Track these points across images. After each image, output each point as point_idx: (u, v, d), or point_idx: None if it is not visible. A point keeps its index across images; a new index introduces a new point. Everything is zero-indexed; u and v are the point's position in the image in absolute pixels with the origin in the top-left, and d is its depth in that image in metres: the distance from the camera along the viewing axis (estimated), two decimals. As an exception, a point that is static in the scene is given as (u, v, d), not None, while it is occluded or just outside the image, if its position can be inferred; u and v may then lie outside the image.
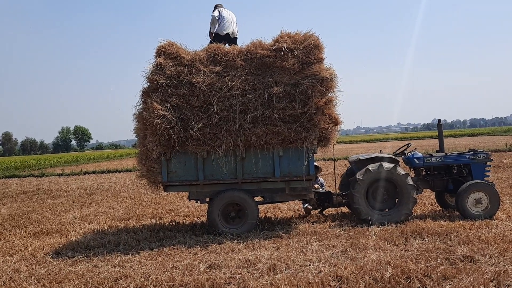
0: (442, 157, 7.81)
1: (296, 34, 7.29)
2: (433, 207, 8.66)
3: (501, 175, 12.97)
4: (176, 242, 6.65)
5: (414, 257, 5.27)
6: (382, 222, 7.08)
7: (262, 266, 5.19)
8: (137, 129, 7.35)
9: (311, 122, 6.90)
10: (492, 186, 7.36)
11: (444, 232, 6.32)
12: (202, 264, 5.44)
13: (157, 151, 6.74)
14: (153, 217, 9.33)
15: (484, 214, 7.16)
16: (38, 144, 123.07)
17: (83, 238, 7.43)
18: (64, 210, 10.90)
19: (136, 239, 7.03)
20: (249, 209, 7.11)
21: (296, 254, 5.62)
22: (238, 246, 6.21)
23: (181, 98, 6.85)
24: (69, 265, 5.84)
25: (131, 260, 5.85)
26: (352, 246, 5.91)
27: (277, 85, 6.91)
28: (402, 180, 7.25)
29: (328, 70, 7.05)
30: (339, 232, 6.72)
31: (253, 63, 7.09)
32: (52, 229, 8.42)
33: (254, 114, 6.84)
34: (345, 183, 8.19)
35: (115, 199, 12.56)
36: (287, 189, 7.29)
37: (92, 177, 22.03)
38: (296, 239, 6.43)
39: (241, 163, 7.08)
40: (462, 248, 5.52)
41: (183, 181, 7.12)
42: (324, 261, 5.34)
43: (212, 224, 7.13)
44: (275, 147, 6.99)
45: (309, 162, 7.07)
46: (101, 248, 6.63)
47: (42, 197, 14.14)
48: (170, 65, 6.91)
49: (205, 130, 6.79)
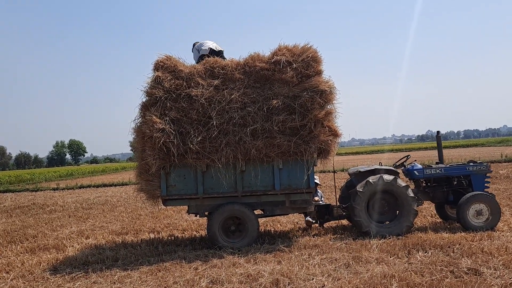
0: (442, 168, 7.80)
1: (294, 47, 7.32)
2: (433, 219, 8.63)
3: (499, 186, 12.98)
4: (176, 257, 6.55)
5: (419, 270, 5.21)
6: (383, 235, 7.03)
7: (265, 281, 5.11)
8: (135, 143, 7.29)
9: (311, 135, 6.88)
10: (493, 197, 7.34)
11: (447, 244, 6.27)
12: (204, 280, 5.35)
13: (156, 165, 6.67)
14: (151, 231, 9.21)
15: (485, 226, 7.13)
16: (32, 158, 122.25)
17: (80, 253, 7.31)
18: (60, 225, 10.75)
19: (135, 254, 6.92)
20: (249, 223, 7.04)
21: (298, 268, 5.54)
22: (239, 261, 6.12)
23: (180, 112, 6.82)
24: (67, 281, 5.73)
25: (130, 276, 5.74)
26: (355, 259, 5.84)
27: (276, 97, 6.91)
28: (402, 192, 7.22)
29: (327, 83, 7.07)
30: (341, 245, 6.65)
31: (251, 76, 7.09)
32: (49, 244, 8.28)
33: (253, 127, 6.81)
34: (345, 196, 8.14)
35: (112, 213, 12.42)
36: (287, 202, 7.24)
37: (88, 191, 21.84)
38: (298, 253, 6.36)
39: (240, 176, 7.02)
40: (466, 260, 5.46)
41: (182, 195, 7.05)
42: (327, 275, 5.27)
43: (212, 238, 7.04)
44: (275, 159, 6.95)
45: (309, 174, 7.03)
46: (100, 263, 6.51)
47: (37, 212, 13.96)
48: (169, 79, 6.90)
49: (205, 143, 6.75)
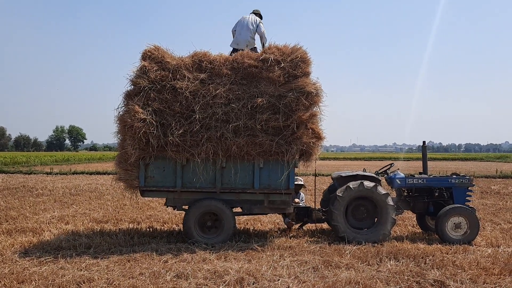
0: (424, 179, 7.76)
1: (284, 46, 7.28)
2: (414, 229, 8.59)
3: (487, 201, 12.93)
4: (148, 249, 6.52)
5: (385, 278, 5.18)
6: (359, 241, 7.00)
7: (229, 279, 5.08)
8: (118, 131, 7.26)
9: (294, 136, 6.84)
10: (473, 211, 7.30)
11: (420, 255, 6.24)
12: (170, 273, 5.32)
13: (136, 155, 6.64)
14: (132, 221, 9.19)
15: (463, 239, 7.09)
16: (31, 141, 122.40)
17: (55, 238, 7.29)
18: (43, 209, 10.73)
19: (109, 243, 6.90)
20: (226, 220, 7.00)
21: (266, 268, 5.51)
22: (210, 257, 6.10)
23: (164, 103, 6.78)
24: (35, 265, 5.70)
25: (98, 264, 5.71)
26: (325, 263, 5.81)
27: (262, 96, 6.87)
28: (382, 199, 7.19)
29: (314, 85, 7.03)
30: (315, 248, 6.62)
31: (239, 72, 7.06)
32: (27, 227, 8.26)
33: (236, 124, 6.77)
34: (327, 199, 8.11)
35: (98, 201, 12.40)
36: (266, 201, 7.20)
37: (80, 178, 21.86)
38: (270, 253, 6.33)
39: (220, 172, 6.99)
40: (434, 272, 5.43)
41: (160, 187, 7.02)
42: (294, 277, 5.24)
43: (187, 233, 7.01)
44: (256, 158, 6.91)
45: (289, 175, 6.99)
46: (72, 250, 6.49)
47: (24, 195, 13.94)
48: (155, 69, 6.86)
49: (186, 136, 6.71)
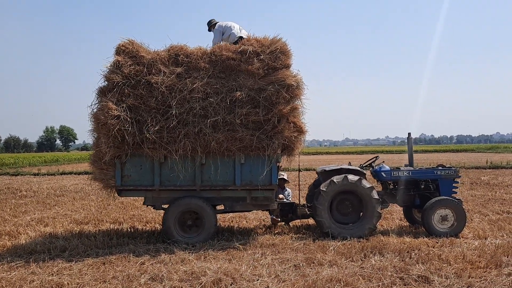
0: (410, 171, 7.59)
1: (263, 38, 7.07)
2: (401, 222, 8.43)
3: (476, 192, 12.83)
4: (126, 250, 6.29)
5: (367, 275, 5.00)
6: (344, 236, 6.83)
7: (206, 280, 4.87)
8: (93, 129, 7.00)
9: (275, 130, 6.65)
10: (459, 203, 7.15)
11: (406, 249, 6.07)
12: (145, 276, 5.10)
13: (110, 153, 6.39)
14: (114, 222, 8.96)
15: (449, 232, 6.93)
16: (21, 142, 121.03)
17: (31, 242, 7.02)
18: (24, 211, 10.45)
19: (86, 245, 6.64)
20: (207, 218, 6.78)
21: (245, 268, 5.31)
22: (189, 257, 5.88)
23: (139, 99, 6.54)
24: (4, 270, 5.46)
25: (71, 268, 5.48)
26: (307, 261, 5.62)
27: (241, 89, 6.66)
28: (367, 193, 7.01)
29: (294, 77, 6.83)
30: (298, 245, 6.43)
31: (217, 65, 6.83)
32: (4, 231, 7.99)
33: (215, 119, 6.56)
34: (312, 194, 7.92)
35: (81, 202, 12.12)
36: (249, 198, 7.00)
37: (68, 178, 21.53)
38: (251, 251, 6.13)
39: (200, 169, 6.77)
40: (419, 267, 5.26)
41: (138, 186, 6.79)
42: (274, 276, 5.05)
43: (167, 232, 6.79)
44: (237, 154, 6.70)
45: (272, 171, 6.79)
46: (45, 253, 6.23)
47: (7, 197, 13.62)
48: (129, 64, 6.62)
49: (162, 133, 6.48)
